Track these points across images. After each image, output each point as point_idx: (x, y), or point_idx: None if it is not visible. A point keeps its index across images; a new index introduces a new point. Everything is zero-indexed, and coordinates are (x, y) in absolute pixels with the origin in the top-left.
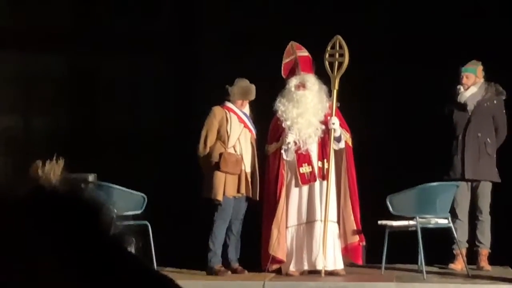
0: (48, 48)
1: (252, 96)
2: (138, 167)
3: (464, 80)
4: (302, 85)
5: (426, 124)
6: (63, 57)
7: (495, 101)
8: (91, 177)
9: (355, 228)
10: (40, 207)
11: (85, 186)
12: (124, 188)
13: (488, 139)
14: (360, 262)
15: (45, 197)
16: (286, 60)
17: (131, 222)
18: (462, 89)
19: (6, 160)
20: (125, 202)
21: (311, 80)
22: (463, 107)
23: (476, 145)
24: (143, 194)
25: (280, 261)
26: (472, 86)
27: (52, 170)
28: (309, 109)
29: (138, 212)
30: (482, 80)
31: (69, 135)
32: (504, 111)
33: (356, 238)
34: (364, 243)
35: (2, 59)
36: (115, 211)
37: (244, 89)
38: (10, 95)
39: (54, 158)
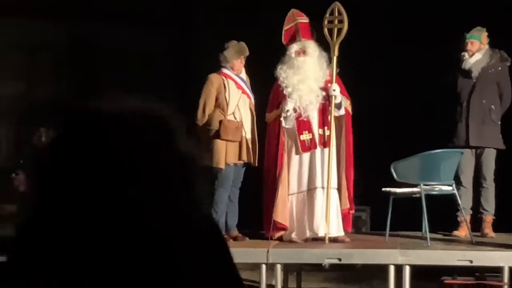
0: (49, 16)
1: (247, 52)
2: None
3: (469, 47)
4: (302, 51)
5: (430, 90)
6: (65, 26)
7: (499, 68)
8: None
9: (346, 195)
10: None
11: None
12: None
13: (492, 106)
14: (349, 229)
15: None
16: (286, 27)
17: None
18: (466, 55)
19: (9, 127)
20: None
21: (312, 46)
22: (467, 73)
23: (480, 111)
24: None
25: (283, 227)
26: (477, 52)
27: None
28: (309, 76)
29: None
30: (486, 46)
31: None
32: (508, 77)
33: (347, 205)
34: (353, 211)
35: (3, 27)
36: None
37: (239, 46)
38: (11, 63)
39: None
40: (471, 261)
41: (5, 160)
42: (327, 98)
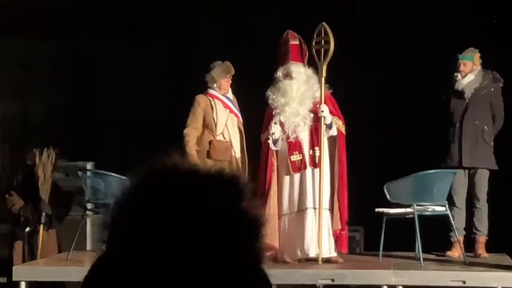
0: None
1: (233, 71)
2: (136, 154)
3: (462, 68)
4: (288, 75)
5: (424, 111)
6: (60, 42)
7: (492, 89)
8: (89, 165)
9: (338, 216)
10: None
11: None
12: (121, 176)
13: (485, 127)
14: (344, 251)
15: None
16: (281, 49)
17: None
18: (459, 76)
19: (3, 146)
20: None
21: (297, 70)
22: (460, 94)
23: (473, 132)
24: None
25: (271, 248)
26: (470, 73)
27: (50, 159)
28: (295, 98)
29: None
30: (479, 67)
31: (66, 122)
32: (501, 98)
33: (339, 226)
34: (346, 232)
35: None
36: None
37: (225, 66)
38: (7, 80)
39: (51, 147)
40: (464, 282)
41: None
42: (318, 119)
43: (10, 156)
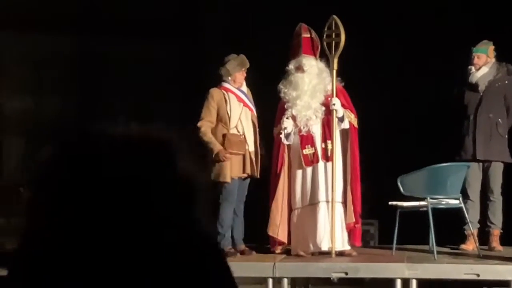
0: (58, 29)
1: (248, 64)
2: None
3: (475, 61)
4: (300, 68)
5: (438, 103)
6: (68, 40)
7: (506, 81)
8: None
9: (352, 209)
10: None
11: None
12: None
13: (499, 120)
14: (357, 244)
15: None
16: (293, 42)
17: None
18: (473, 69)
19: (18, 141)
20: None
21: (308, 63)
22: (474, 87)
23: (487, 125)
24: None
25: (281, 243)
26: (484, 66)
27: None
28: (306, 92)
29: None
30: (493, 60)
31: (78, 117)
32: None
33: (353, 219)
34: (359, 225)
35: (13, 41)
36: None
37: (240, 59)
38: (20, 77)
39: None
40: (478, 275)
41: (14, 174)
42: (330, 112)
43: (24, 151)
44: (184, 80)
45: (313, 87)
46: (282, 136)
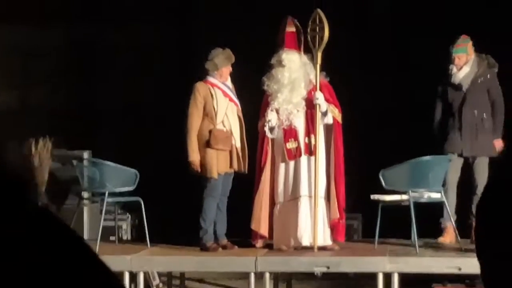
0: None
1: (234, 58)
2: (132, 144)
3: (456, 61)
4: (279, 62)
5: (421, 97)
6: (58, 31)
7: (488, 75)
8: (85, 154)
9: (336, 205)
10: None
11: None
12: (116, 165)
13: (484, 115)
14: (341, 239)
15: None
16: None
17: (124, 198)
18: (454, 69)
19: (2, 135)
20: (118, 179)
21: (289, 57)
22: (457, 87)
23: (473, 122)
24: (135, 171)
25: (263, 237)
26: (465, 66)
27: (46, 148)
28: (286, 85)
29: (131, 188)
30: (473, 56)
31: (65, 112)
32: (498, 83)
33: (337, 215)
34: (343, 220)
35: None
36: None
37: (227, 53)
38: (6, 70)
39: (47, 136)
40: (459, 268)
41: None
42: (314, 106)
43: (7, 145)
44: (170, 69)
45: (292, 82)
46: (266, 129)
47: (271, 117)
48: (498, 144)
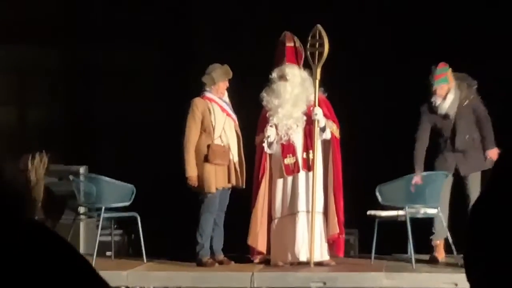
0: (42, 39)
1: (231, 73)
2: (129, 159)
3: (438, 92)
4: (282, 76)
5: (416, 115)
6: (56, 49)
7: (472, 96)
8: (82, 169)
9: (336, 220)
10: None
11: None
12: (113, 180)
13: (475, 135)
14: (340, 255)
15: None
16: (277, 50)
17: (121, 214)
18: (438, 100)
19: None
20: (115, 194)
21: (291, 72)
22: (445, 116)
23: (465, 145)
24: (132, 186)
25: (260, 253)
26: (448, 94)
27: (42, 163)
28: (288, 100)
29: (127, 203)
30: (453, 82)
31: (62, 127)
32: (480, 99)
33: (337, 230)
34: (343, 235)
35: None
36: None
37: (225, 68)
38: (3, 87)
39: (44, 151)
40: (456, 284)
41: None
42: (312, 122)
43: (4, 161)
44: (167, 85)
45: (295, 96)
46: (265, 144)
47: (270, 133)
48: (494, 153)
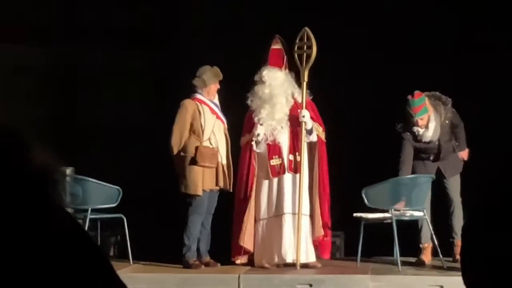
0: (29, 40)
1: (221, 75)
2: (115, 160)
3: (420, 123)
4: (260, 79)
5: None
6: (44, 49)
7: (448, 114)
8: (68, 171)
9: (321, 223)
10: None
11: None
12: (99, 182)
13: (453, 142)
14: (326, 257)
15: None
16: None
17: (107, 215)
18: (421, 130)
19: None
20: (101, 195)
21: (270, 74)
22: (430, 142)
23: (447, 155)
24: (118, 187)
25: (247, 252)
26: (429, 123)
27: None
28: (268, 102)
29: (114, 205)
30: (432, 109)
31: (48, 128)
32: (456, 113)
33: (321, 232)
34: (328, 238)
35: None
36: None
37: (215, 70)
38: None
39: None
40: (441, 287)
41: None
42: (299, 123)
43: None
44: (155, 86)
45: (274, 98)
46: (253, 143)
47: (260, 131)
48: (465, 154)
